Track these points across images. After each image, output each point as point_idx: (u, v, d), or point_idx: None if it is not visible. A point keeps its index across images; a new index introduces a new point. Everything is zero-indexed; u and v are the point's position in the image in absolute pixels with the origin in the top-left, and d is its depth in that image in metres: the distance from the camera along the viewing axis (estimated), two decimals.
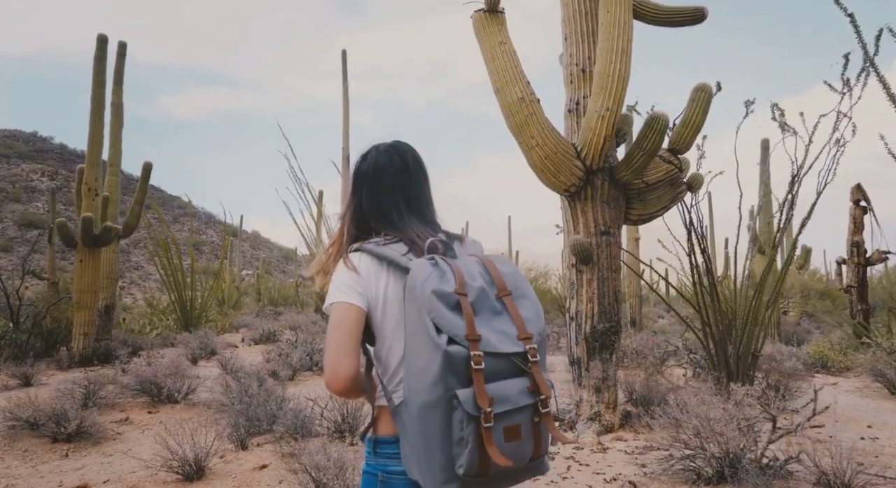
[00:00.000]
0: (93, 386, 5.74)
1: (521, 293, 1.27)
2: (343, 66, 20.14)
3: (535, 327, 1.22)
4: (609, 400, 4.64)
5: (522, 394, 1.14)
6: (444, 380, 1.11)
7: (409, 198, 1.46)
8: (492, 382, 1.12)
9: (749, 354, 5.62)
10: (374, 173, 1.47)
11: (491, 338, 1.16)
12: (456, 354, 1.12)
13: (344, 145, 19.35)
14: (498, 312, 1.22)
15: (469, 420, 1.09)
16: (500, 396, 1.12)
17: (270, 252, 61.60)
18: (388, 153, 1.49)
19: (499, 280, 1.26)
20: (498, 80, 4.44)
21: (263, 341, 11.41)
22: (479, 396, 1.09)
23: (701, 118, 4.61)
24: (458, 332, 1.13)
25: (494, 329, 1.18)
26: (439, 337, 1.13)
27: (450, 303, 1.17)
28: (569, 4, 4.86)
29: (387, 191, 1.44)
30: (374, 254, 1.33)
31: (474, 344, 1.13)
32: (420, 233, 1.39)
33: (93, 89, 9.40)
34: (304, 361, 7.99)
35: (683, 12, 4.87)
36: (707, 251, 5.46)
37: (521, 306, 1.25)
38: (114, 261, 10.20)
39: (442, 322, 1.14)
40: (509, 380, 1.15)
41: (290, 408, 4.58)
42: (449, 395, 1.11)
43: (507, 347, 1.16)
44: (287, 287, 36.10)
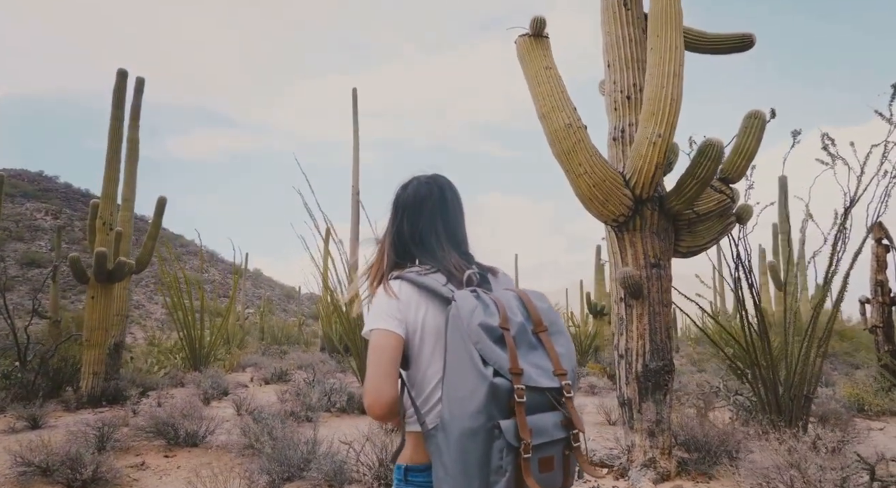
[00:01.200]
0: (107, 429, 5.42)
1: (556, 329, 1.32)
2: (353, 105, 20.30)
3: (568, 363, 1.27)
4: (664, 445, 4.33)
5: (557, 428, 1.20)
6: (488, 410, 1.16)
7: (448, 229, 1.51)
8: (531, 415, 1.17)
9: (802, 396, 5.33)
10: (414, 202, 1.52)
11: (531, 372, 1.20)
12: (501, 386, 1.17)
13: (354, 182, 19.36)
14: (534, 347, 1.26)
15: (509, 450, 1.14)
16: (539, 428, 1.17)
17: (272, 290, 61.21)
18: (428, 184, 1.55)
19: (535, 315, 1.31)
20: (543, 105, 4.30)
21: (275, 380, 11.05)
22: (521, 428, 1.14)
23: (754, 146, 4.44)
24: (502, 365, 1.18)
25: (532, 363, 1.23)
26: (486, 368, 1.18)
27: (494, 335, 1.22)
28: (611, 32, 4.75)
29: (426, 221, 1.50)
30: (415, 283, 1.38)
31: (517, 377, 1.18)
32: (457, 264, 1.44)
33: (110, 123, 9.32)
34: (322, 401, 7.65)
35: (730, 39, 4.76)
36: (755, 287, 5.23)
37: (557, 342, 1.29)
38: (124, 297, 9.95)
39: (488, 354, 1.19)
40: (546, 414, 1.20)
41: (323, 452, 4.27)
42: (491, 424, 1.15)
43: (545, 382, 1.21)
44: (289, 326, 35.70)
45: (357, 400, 7.89)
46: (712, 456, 4.55)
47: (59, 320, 13.33)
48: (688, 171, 4.26)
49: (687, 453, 4.64)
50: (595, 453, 4.97)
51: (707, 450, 4.53)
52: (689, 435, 4.71)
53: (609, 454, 4.84)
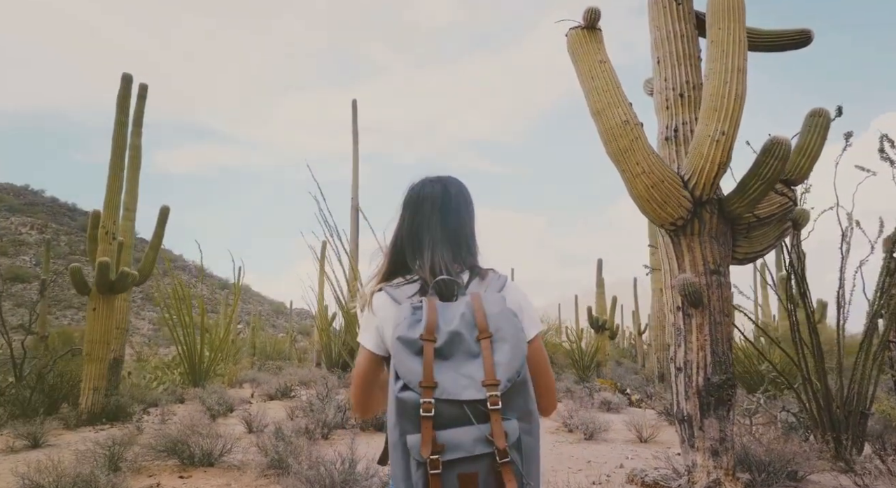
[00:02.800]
0: (117, 448, 5.05)
1: (500, 336, 1.25)
2: (353, 117, 20.08)
3: (505, 373, 1.19)
4: (728, 466, 4.03)
5: (479, 443, 1.14)
6: (400, 424, 1.16)
7: (446, 227, 1.50)
8: (447, 429, 1.14)
9: (857, 413, 5.08)
10: (417, 199, 1.55)
11: (451, 384, 1.17)
12: (408, 401, 1.16)
13: (353, 195, 19.07)
14: (473, 355, 1.22)
15: (419, 465, 1.12)
16: (452, 443, 1.13)
17: (261, 306, 60.44)
18: (433, 183, 1.57)
19: (481, 322, 1.25)
20: (598, 101, 4.05)
21: (279, 397, 10.65)
22: (423, 444, 1.12)
23: (818, 146, 4.23)
24: (412, 379, 1.17)
25: (462, 373, 1.19)
26: (396, 383, 1.19)
27: (414, 348, 1.22)
28: (661, 27, 4.54)
29: (426, 217, 1.52)
30: (391, 296, 1.41)
31: (427, 390, 1.15)
32: (440, 266, 1.43)
33: (114, 129, 9.00)
34: (337, 418, 7.29)
35: (787, 35, 4.56)
36: (808, 296, 4.99)
37: (497, 350, 1.22)
38: (125, 310, 9.56)
39: (400, 368, 1.20)
40: (464, 428, 1.15)
41: (362, 472, 3.93)
42: (403, 439, 1.15)
43: (468, 394, 1.16)
44: (280, 341, 35.13)
45: (374, 418, 7.53)
46: (773, 477, 4.27)
47: (47, 335, 12.86)
48: (752, 171, 4.02)
49: (748, 473, 4.35)
50: (645, 473, 4.67)
51: (769, 471, 4.24)
52: (747, 453, 4.42)
53: (662, 474, 4.54)
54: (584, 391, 11.00)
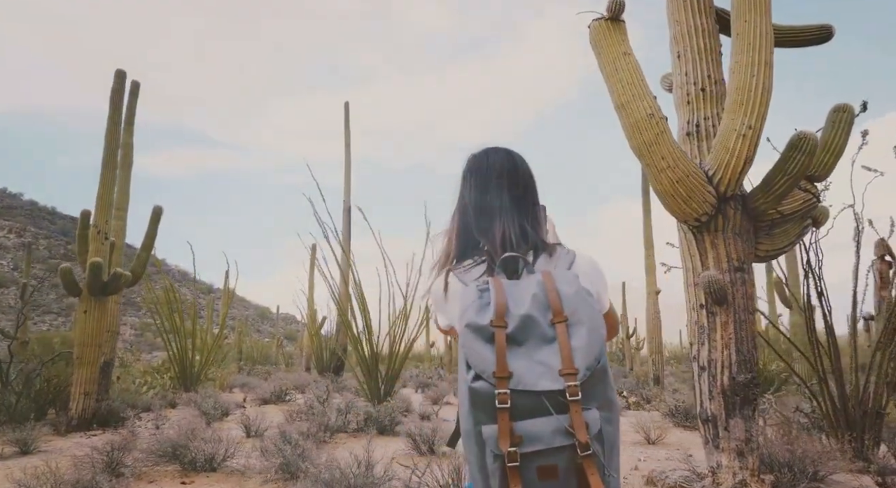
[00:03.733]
0: (117, 453, 4.85)
1: (578, 318, 1.16)
2: (345, 119, 19.92)
3: (583, 360, 1.11)
4: (754, 467, 3.95)
5: (558, 435, 1.07)
6: (474, 414, 1.11)
7: (515, 200, 1.43)
8: (524, 419, 1.08)
9: (874, 412, 5.03)
10: (481, 166, 1.47)
11: (527, 373, 1.11)
12: (481, 391, 1.10)
13: (345, 198, 18.88)
14: (548, 340, 1.15)
15: (496, 457, 1.07)
16: (531, 435, 1.07)
17: (246, 310, 59.86)
18: (496, 152, 1.49)
19: (555, 303, 1.18)
20: (623, 94, 3.97)
21: (273, 401, 10.44)
22: (500, 436, 1.07)
23: (843, 141, 4.18)
24: (485, 369, 1.11)
25: (537, 361, 1.12)
26: (468, 372, 1.13)
27: (484, 335, 1.15)
28: (681, 21, 4.47)
29: (492, 189, 1.43)
30: (461, 280, 1.35)
31: (502, 381, 1.09)
32: (509, 241, 1.36)
33: (107, 126, 8.78)
34: (339, 421, 7.13)
35: (808, 30, 4.52)
36: (825, 295, 4.94)
37: (574, 334, 1.14)
38: (116, 312, 9.30)
39: (472, 357, 1.13)
40: (542, 419, 1.08)
41: (379, 475, 3.79)
42: (478, 429, 1.10)
43: (543, 384, 1.10)
44: (266, 346, 34.72)
45: (374, 420, 7.37)
46: (797, 477, 4.19)
47: (28, 341, 12.51)
48: (777, 166, 3.96)
49: (770, 474, 4.27)
50: (665, 475, 4.58)
51: (794, 472, 4.16)
52: (770, 454, 4.34)
53: (683, 476, 4.45)
54: None
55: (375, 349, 8.57)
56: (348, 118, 19.91)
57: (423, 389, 13.86)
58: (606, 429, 1.12)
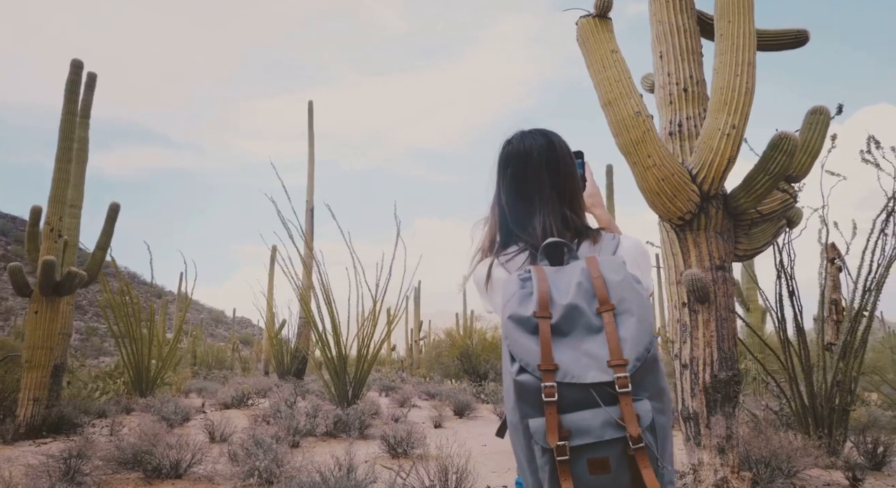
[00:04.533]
0: (75, 461, 4.57)
1: (626, 307, 1.12)
2: (309, 118, 19.62)
3: (633, 350, 1.07)
4: (734, 463, 3.98)
5: (608, 427, 1.03)
6: (520, 407, 1.08)
7: (557, 186, 1.36)
8: (572, 412, 1.04)
9: (840, 408, 5.16)
10: (519, 153, 1.39)
11: (574, 365, 1.07)
12: (526, 384, 1.07)
13: (308, 198, 18.57)
14: (595, 330, 1.11)
15: (544, 451, 1.04)
16: (580, 428, 1.04)
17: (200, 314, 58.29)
18: (532, 135, 1.41)
19: (601, 292, 1.13)
20: (610, 91, 3.96)
21: (235, 405, 10.12)
22: (548, 430, 1.03)
23: (819, 143, 4.27)
24: (530, 361, 1.08)
25: (583, 352, 1.08)
26: (512, 365, 1.09)
27: (528, 327, 1.11)
28: (663, 21, 4.50)
29: (532, 175, 1.36)
30: (506, 270, 1.32)
31: (548, 374, 1.06)
32: (551, 229, 1.31)
33: (62, 118, 8.38)
34: (308, 425, 6.94)
35: (785, 35, 4.61)
36: (797, 295, 5.04)
37: (622, 324, 1.10)
38: (69, 314, 8.86)
39: (516, 349, 1.10)
40: (591, 411, 1.04)
41: (362, 479, 3.66)
42: (525, 423, 1.07)
43: (591, 376, 1.06)
44: (222, 350, 33.91)
45: (344, 423, 7.20)
46: (775, 473, 4.25)
47: None
48: (759, 166, 4.01)
49: (748, 471, 4.31)
50: None
51: (772, 468, 4.22)
52: (748, 451, 4.39)
53: None
54: None
55: (344, 351, 8.40)
56: (312, 117, 19.63)
57: (387, 392, 13.69)
58: (659, 420, 1.08)
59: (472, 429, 7.62)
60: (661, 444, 1.08)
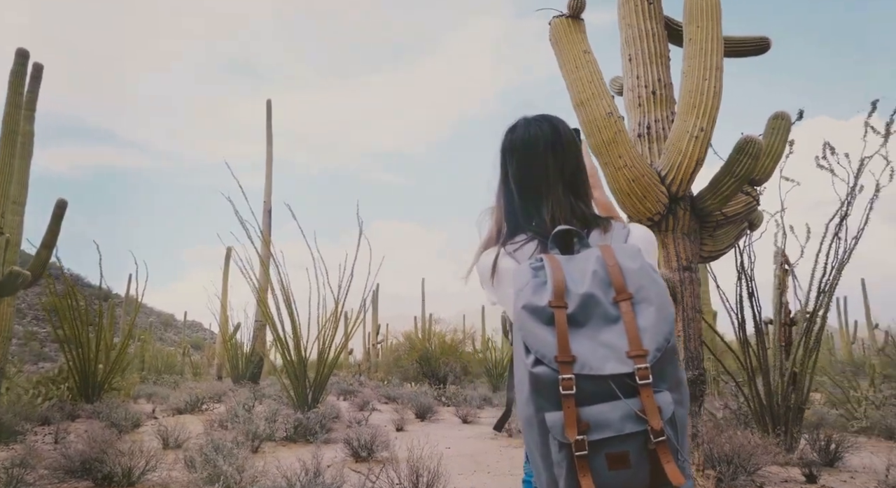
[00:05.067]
0: (18, 470, 4.31)
1: (643, 296, 1.09)
2: (267, 118, 19.27)
3: (652, 340, 1.04)
4: (699, 462, 4.03)
5: (628, 420, 1.00)
6: (536, 401, 1.05)
7: (564, 174, 1.32)
8: (590, 405, 1.01)
9: (797, 407, 5.30)
10: (525, 142, 1.35)
11: (591, 356, 1.03)
12: (543, 376, 1.04)
13: (266, 198, 18.20)
14: (612, 320, 1.07)
15: (562, 446, 1.01)
16: (598, 422, 1.01)
17: (148, 317, 56.47)
18: (538, 122, 1.37)
19: (618, 280, 1.09)
20: (583, 92, 3.97)
21: (189, 410, 9.79)
22: (567, 424, 1.00)
23: (781, 147, 4.38)
24: (546, 353, 1.04)
25: (601, 342, 1.05)
26: (527, 357, 1.06)
27: (543, 317, 1.08)
28: (633, 25, 4.55)
29: (539, 164, 1.32)
30: (516, 260, 1.27)
31: (565, 366, 1.02)
32: (559, 218, 1.28)
33: (5, 110, 8.00)
34: (268, 429, 6.74)
35: (748, 42, 4.72)
36: (756, 296, 5.16)
37: (640, 313, 1.07)
38: (10, 315, 8.41)
39: (531, 340, 1.07)
40: (610, 404, 1.01)
41: (328, 483, 3.55)
42: (540, 417, 1.04)
43: (610, 367, 1.03)
44: (171, 354, 32.88)
45: (305, 427, 7.03)
46: (737, 471, 4.33)
47: None
48: (725, 169, 4.09)
49: (713, 469, 4.38)
50: None
51: (735, 465, 4.29)
52: (711, 449, 4.46)
53: None
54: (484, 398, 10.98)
55: (304, 353, 8.22)
56: (270, 116, 19.29)
57: (346, 396, 13.49)
58: (679, 412, 1.06)
59: (435, 432, 7.55)
60: (681, 437, 1.06)
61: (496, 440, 7.10)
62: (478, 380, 19.30)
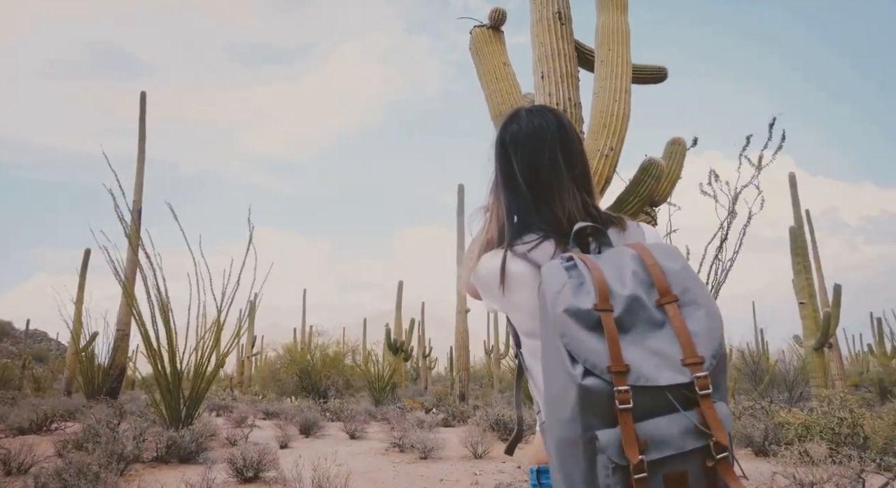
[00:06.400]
0: None
1: (691, 298, 1.00)
2: (141, 111, 17.85)
3: (707, 346, 0.96)
4: None
5: (688, 436, 0.91)
6: (583, 419, 0.92)
7: (573, 169, 1.23)
8: (646, 420, 0.91)
9: None
10: (529, 134, 1.24)
11: (644, 365, 0.93)
12: (595, 390, 0.92)
13: (136, 197, 16.78)
14: (658, 325, 0.98)
15: (615, 469, 0.89)
16: (657, 439, 0.90)
17: None
18: (541, 113, 1.28)
19: (661, 281, 1.01)
20: (502, 104, 4.00)
21: (35, 430, 8.66)
22: (626, 442, 0.89)
23: (678, 171, 4.65)
24: (597, 362, 0.92)
25: (650, 350, 0.95)
26: (574, 367, 0.93)
27: (588, 322, 0.96)
28: (545, 43, 4.64)
29: (546, 158, 1.22)
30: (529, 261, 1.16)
31: (620, 377, 0.91)
32: (574, 214, 1.19)
33: None
34: (136, 450, 6.10)
35: (647, 70, 4.98)
36: None
37: (690, 316, 0.98)
38: None
39: (577, 348, 0.94)
40: (669, 417, 0.92)
41: None
42: (590, 435, 0.92)
43: (666, 377, 0.93)
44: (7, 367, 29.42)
45: (178, 447, 6.44)
46: None
47: None
48: (629, 188, 4.27)
49: None
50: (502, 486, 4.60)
51: None
52: None
53: None
54: (395, 412, 10.81)
55: (179, 365, 7.57)
56: (144, 110, 17.88)
57: (220, 412, 12.66)
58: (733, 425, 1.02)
59: (323, 448, 7.23)
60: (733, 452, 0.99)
61: (388, 455, 6.92)
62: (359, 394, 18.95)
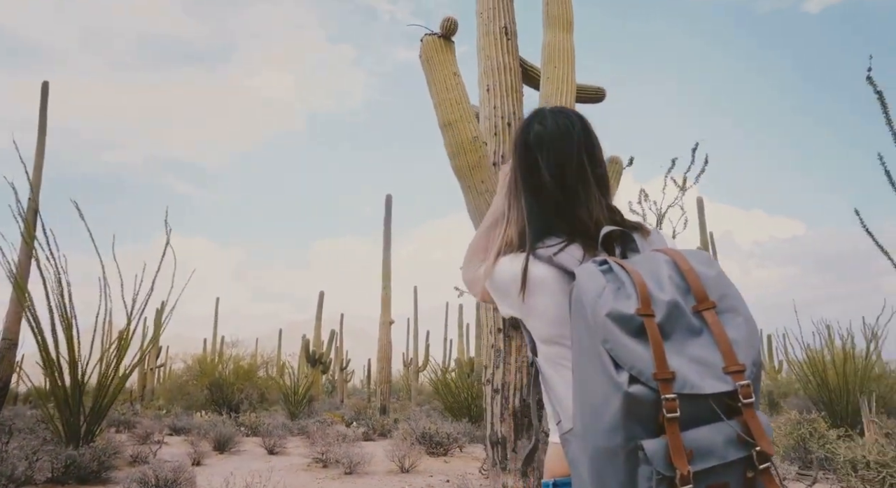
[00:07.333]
0: None
1: (728, 305, 1.00)
2: (42, 102, 16.54)
3: (747, 354, 0.96)
4: (535, 486, 4.12)
5: (731, 446, 0.91)
6: (627, 428, 0.90)
7: (597, 173, 1.22)
8: (689, 429, 0.90)
9: None
10: (555, 136, 1.21)
11: (688, 372, 0.92)
12: (641, 398, 0.90)
13: (33, 196, 15.47)
14: (696, 332, 0.97)
15: (661, 480, 0.87)
16: (702, 449, 0.89)
17: None
18: (565, 114, 1.25)
19: (698, 287, 0.99)
20: (452, 113, 3.96)
21: None
22: (674, 452, 0.87)
23: (615, 189, 4.76)
24: (642, 369, 0.90)
25: (691, 357, 0.94)
26: (618, 374, 0.91)
27: (631, 328, 0.94)
28: (492, 57, 4.67)
29: (576, 162, 1.20)
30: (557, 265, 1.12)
31: (666, 384, 0.90)
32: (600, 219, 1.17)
33: None
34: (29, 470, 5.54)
35: (588, 90, 5.11)
36: None
37: (729, 323, 0.98)
38: None
39: (621, 354, 0.92)
40: (712, 427, 0.91)
41: None
42: (633, 446, 0.90)
43: (709, 385, 0.92)
44: None
45: (78, 466, 5.91)
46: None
47: None
48: None
49: None
50: None
51: None
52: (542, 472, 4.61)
53: None
54: (315, 425, 10.46)
55: (81, 377, 6.97)
56: (46, 102, 16.46)
57: (120, 428, 11.81)
58: None
59: (241, 466, 6.86)
60: None
61: (310, 471, 6.65)
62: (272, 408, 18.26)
